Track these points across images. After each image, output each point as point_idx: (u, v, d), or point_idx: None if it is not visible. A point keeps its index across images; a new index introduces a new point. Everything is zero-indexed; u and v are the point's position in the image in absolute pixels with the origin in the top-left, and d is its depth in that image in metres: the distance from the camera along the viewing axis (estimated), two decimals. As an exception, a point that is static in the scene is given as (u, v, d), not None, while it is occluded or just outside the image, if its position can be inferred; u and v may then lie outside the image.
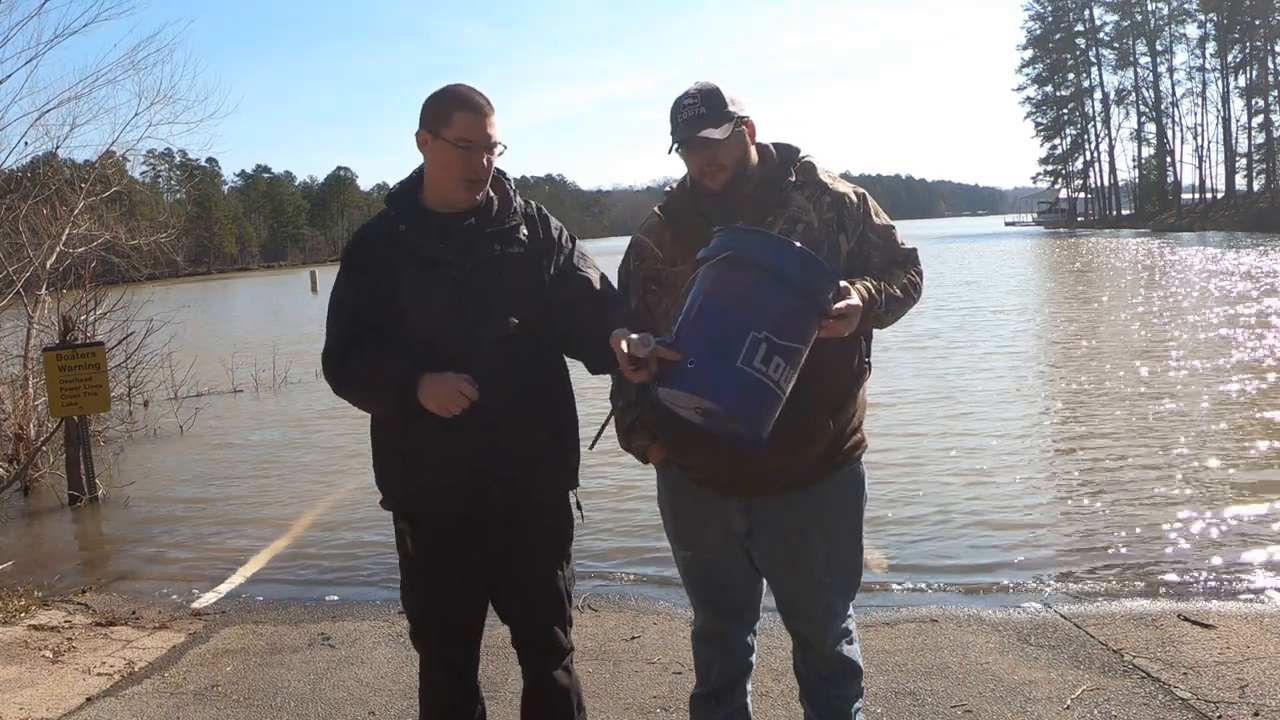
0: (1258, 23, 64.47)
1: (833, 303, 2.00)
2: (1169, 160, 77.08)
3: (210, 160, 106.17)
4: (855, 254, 2.26)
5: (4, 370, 9.07)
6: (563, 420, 2.38)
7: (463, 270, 2.23)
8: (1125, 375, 10.16)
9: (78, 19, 15.65)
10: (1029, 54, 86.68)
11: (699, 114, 2.17)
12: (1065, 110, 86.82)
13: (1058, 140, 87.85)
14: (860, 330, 2.15)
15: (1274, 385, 9.18)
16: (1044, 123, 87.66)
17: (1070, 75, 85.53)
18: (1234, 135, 70.06)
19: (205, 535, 6.40)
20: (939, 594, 4.52)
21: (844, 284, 2.04)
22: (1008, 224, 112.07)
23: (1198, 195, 74.64)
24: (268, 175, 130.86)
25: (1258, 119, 66.66)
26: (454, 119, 2.18)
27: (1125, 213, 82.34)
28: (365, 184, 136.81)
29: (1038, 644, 3.71)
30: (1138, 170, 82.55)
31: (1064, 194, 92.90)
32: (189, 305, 22.15)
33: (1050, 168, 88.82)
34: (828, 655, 2.43)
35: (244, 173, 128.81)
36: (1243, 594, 4.28)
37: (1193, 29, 74.78)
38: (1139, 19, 78.43)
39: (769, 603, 2.49)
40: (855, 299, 2.05)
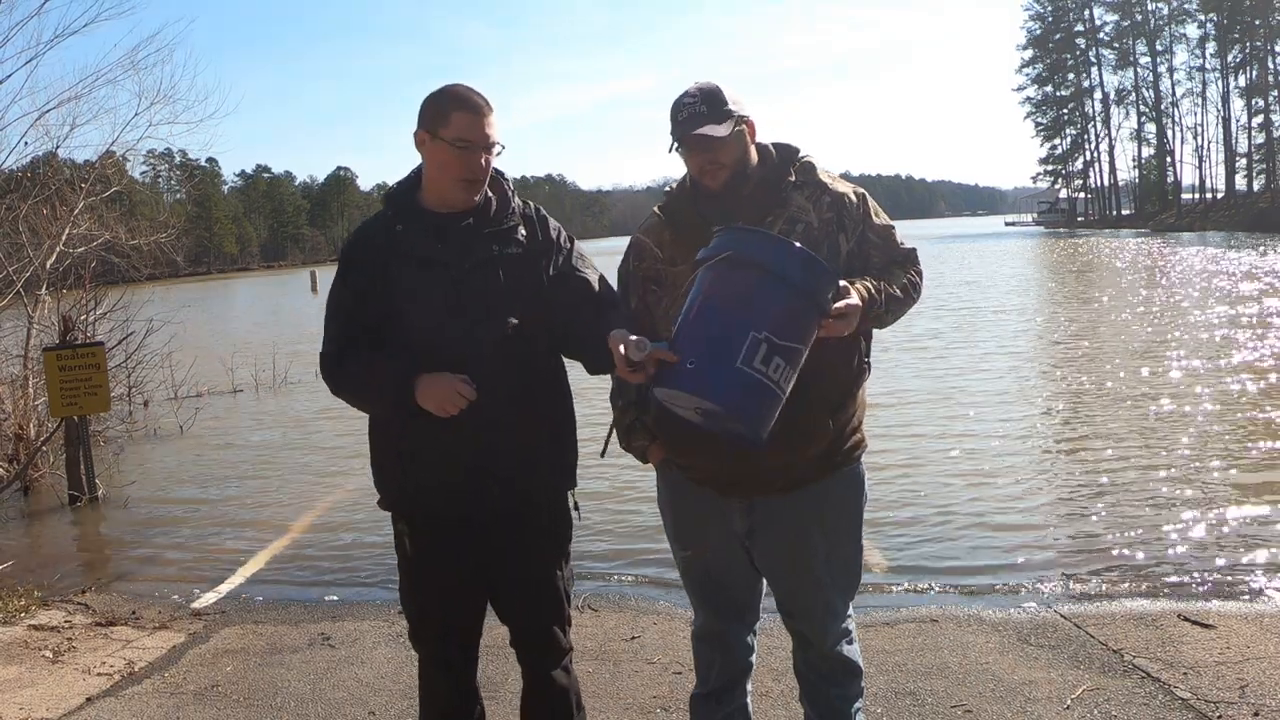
0: (1258, 23, 64.47)
1: (832, 303, 2.00)
2: (1169, 160, 77.12)
3: (210, 160, 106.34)
4: (855, 254, 2.26)
5: (4, 370, 9.06)
6: (561, 420, 2.38)
7: (461, 270, 2.23)
8: (1126, 375, 10.16)
9: (78, 19, 15.67)
10: (1029, 54, 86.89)
11: (699, 112, 2.17)
12: (1065, 110, 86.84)
13: (1058, 140, 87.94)
14: (860, 330, 2.16)
15: (1275, 385, 9.17)
16: (1044, 123, 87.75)
17: (1070, 75, 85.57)
18: (1234, 135, 70.22)
19: (205, 535, 6.40)
20: (939, 594, 4.52)
21: (844, 284, 2.04)
22: (1008, 224, 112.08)
23: (1198, 195, 74.65)
24: (268, 175, 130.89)
25: (1258, 119, 66.80)
26: (452, 119, 2.18)
27: (1125, 213, 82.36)
28: (365, 184, 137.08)
29: (1038, 644, 3.71)
30: (1138, 170, 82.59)
31: (1064, 194, 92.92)
32: (189, 305, 22.16)
33: (1050, 168, 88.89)
34: (828, 655, 2.43)
35: (244, 173, 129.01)
36: (1243, 594, 4.28)
37: (1193, 29, 75.00)
38: (1139, 19, 78.47)
39: (769, 603, 2.49)
40: (855, 299, 2.05)
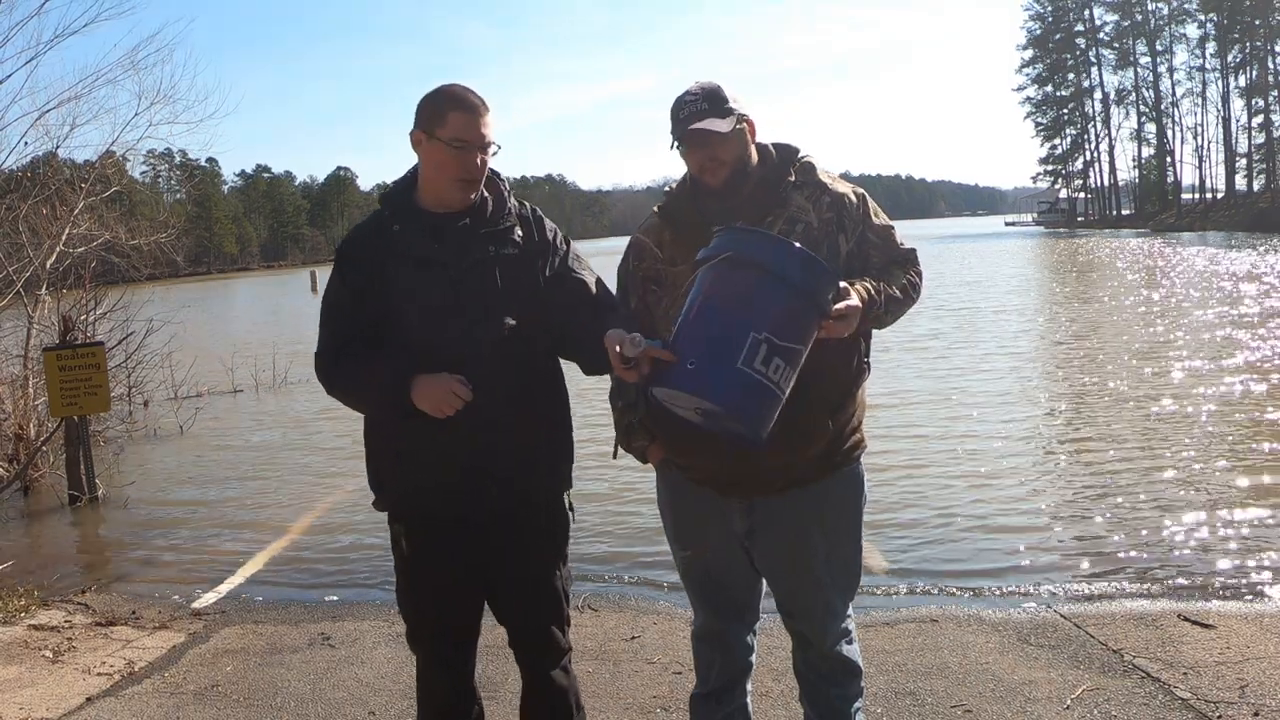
0: (1258, 23, 64.48)
1: (832, 303, 2.00)
2: (1169, 160, 77.11)
3: (210, 160, 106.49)
4: (854, 254, 2.26)
5: (4, 370, 9.06)
6: (558, 421, 2.39)
7: (459, 270, 2.23)
8: (1127, 376, 10.16)
9: (78, 19, 15.70)
10: (1029, 54, 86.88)
11: (701, 109, 2.17)
12: (1065, 110, 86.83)
13: (1058, 140, 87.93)
14: (859, 331, 2.16)
15: (1276, 386, 9.17)
16: (1044, 123, 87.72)
17: (1070, 75, 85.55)
18: (1234, 135, 70.23)
19: (205, 535, 6.40)
20: (939, 594, 4.51)
21: (844, 284, 2.04)
22: (1008, 224, 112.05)
23: (1198, 195, 74.65)
24: (268, 175, 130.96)
25: (1258, 119, 66.81)
26: (448, 119, 2.18)
27: (1125, 213, 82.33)
28: (365, 184, 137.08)
29: (1038, 644, 3.71)
30: (1138, 170, 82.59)
31: (1064, 194, 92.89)
32: (189, 305, 22.16)
33: (1050, 168, 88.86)
34: (827, 655, 2.43)
35: (244, 173, 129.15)
36: (1243, 594, 4.28)
37: (1193, 29, 75.01)
38: (1139, 19, 78.47)
39: (769, 603, 2.49)
40: (855, 300, 2.05)
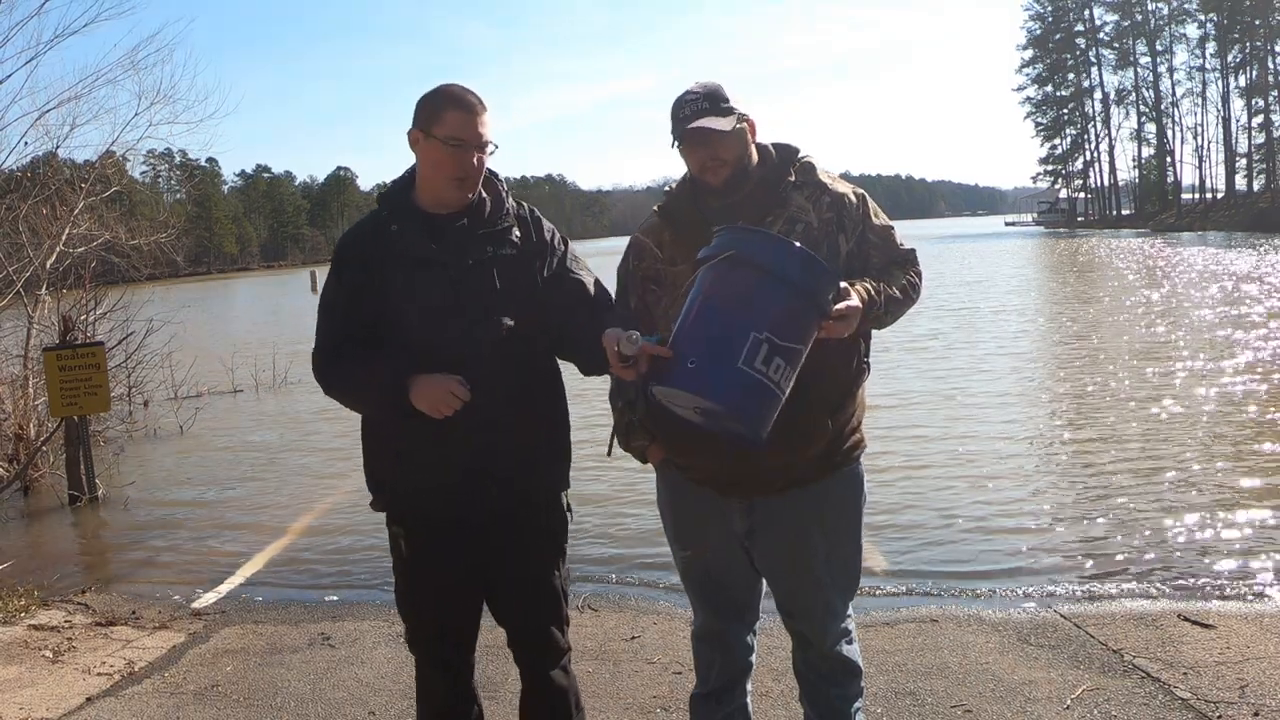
0: (1258, 23, 64.46)
1: (833, 304, 2.00)
2: (1169, 160, 77.08)
3: (210, 160, 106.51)
4: (854, 254, 2.26)
5: (4, 370, 9.07)
6: (557, 421, 2.39)
7: (459, 270, 2.23)
8: (1127, 376, 10.15)
9: (78, 19, 15.71)
10: (1029, 54, 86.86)
11: (702, 108, 2.18)
12: (1065, 110, 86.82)
13: (1058, 140, 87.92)
14: (860, 331, 2.16)
15: (1277, 386, 9.16)
16: (1044, 123, 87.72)
17: (1070, 75, 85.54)
18: (1234, 135, 70.19)
19: (205, 535, 6.40)
20: (939, 594, 4.51)
21: (844, 285, 2.04)
22: (1008, 224, 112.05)
23: (1198, 195, 74.62)
24: (268, 175, 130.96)
25: (1258, 119, 66.77)
26: (445, 118, 2.17)
27: (1125, 213, 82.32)
28: (365, 184, 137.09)
29: (1038, 644, 3.71)
30: (1138, 170, 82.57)
31: (1064, 194, 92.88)
32: (189, 305, 22.15)
33: (1050, 168, 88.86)
34: (827, 655, 2.43)
35: (244, 173, 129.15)
36: (1243, 594, 4.27)
37: (1193, 29, 74.94)
38: (1139, 19, 78.44)
39: (769, 603, 2.49)
40: (855, 300, 2.05)
